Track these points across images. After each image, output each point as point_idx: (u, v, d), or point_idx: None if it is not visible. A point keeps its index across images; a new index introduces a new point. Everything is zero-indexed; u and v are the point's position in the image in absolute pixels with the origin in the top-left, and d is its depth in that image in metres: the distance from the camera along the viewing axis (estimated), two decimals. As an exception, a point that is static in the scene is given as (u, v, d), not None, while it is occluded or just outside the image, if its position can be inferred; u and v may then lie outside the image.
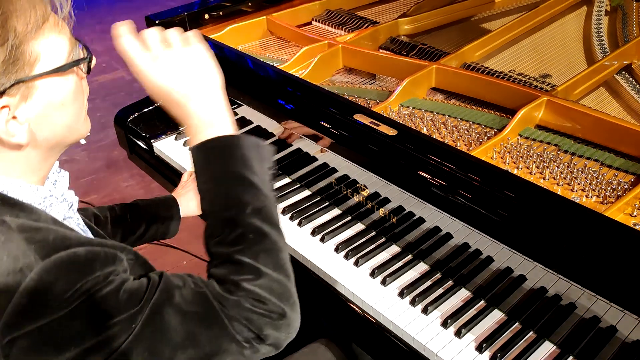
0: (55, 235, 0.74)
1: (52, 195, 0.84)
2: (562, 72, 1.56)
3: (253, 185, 0.84)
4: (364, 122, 1.27)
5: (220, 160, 0.84)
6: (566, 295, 1.05)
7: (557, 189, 1.16)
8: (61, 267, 0.72)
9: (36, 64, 0.76)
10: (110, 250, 0.77)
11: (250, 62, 1.59)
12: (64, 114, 0.81)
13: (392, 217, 1.28)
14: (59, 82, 0.79)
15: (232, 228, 0.82)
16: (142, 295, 0.76)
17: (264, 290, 0.80)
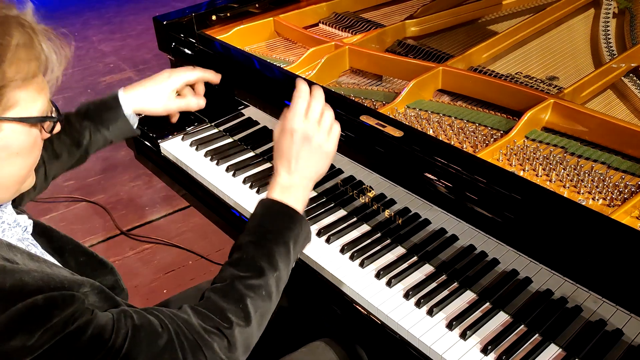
0: (12, 282, 0.74)
1: (5, 222, 0.87)
2: (569, 75, 1.55)
3: (289, 260, 0.99)
4: (370, 123, 1.27)
5: (285, 224, 0.99)
6: (572, 298, 1.05)
7: (563, 191, 1.16)
8: (20, 320, 0.72)
9: (9, 110, 0.79)
10: (67, 293, 0.77)
11: (257, 62, 1.60)
12: (15, 164, 0.84)
13: (398, 219, 1.28)
14: (22, 132, 0.82)
15: (257, 276, 0.94)
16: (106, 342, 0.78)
17: (242, 339, 0.90)
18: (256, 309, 0.92)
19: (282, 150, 1.04)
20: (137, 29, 5.16)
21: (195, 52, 1.71)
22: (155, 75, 1.34)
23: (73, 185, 3.03)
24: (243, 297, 0.91)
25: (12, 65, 0.77)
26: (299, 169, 1.03)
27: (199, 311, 0.89)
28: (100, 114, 1.28)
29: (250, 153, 1.64)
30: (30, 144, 0.84)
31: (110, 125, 1.29)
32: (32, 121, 0.82)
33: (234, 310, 0.90)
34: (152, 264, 2.52)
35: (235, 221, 1.49)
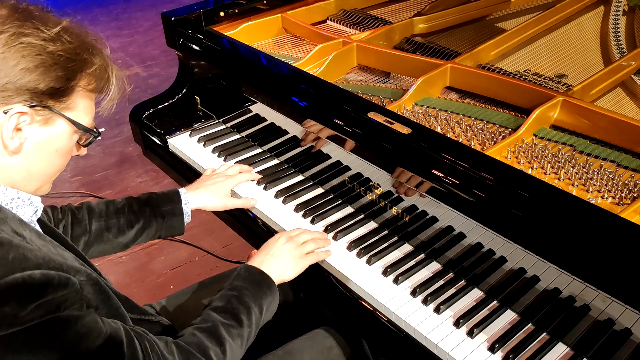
0: (15, 254, 0.79)
1: (20, 198, 0.91)
2: (578, 73, 1.54)
3: (259, 322, 1.12)
4: (378, 120, 1.26)
5: (264, 290, 1.13)
6: (580, 297, 1.04)
7: (572, 189, 1.15)
8: (15, 288, 0.76)
9: (68, 111, 0.91)
10: (63, 275, 0.81)
11: (264, 59, 1.60)
12: (50, 159, 0.93)
13: (405, 216, 1.28)
14: (68, 132, 0.92)
15: (237, 327, 1.06)
16: (91, 342, 0.82)
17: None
18: (232, 354, 1.04)
19: (267, 244, 1.25)
20: (144, 25, 5.17)
21: (203, 48, 1.71)
22: (212, 177, 1.47)
23: (80, 181, 3.04)
24: (224, 340, 1.03)
25: (88, 75, 0.91)
26: (273, 258, 1.20)
27: (183, 349, 0.98)
28: (160, 205, 1.35)
29: (258, 149, 1.64)
30: (68, 148, 0.94)
31: (167, 217, 1.35)
32: (81, 128, 0.94)
33: (216, 351, 1.01)
34: (159, 260, 2.53)
35: (242, 217, 1.49)
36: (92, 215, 1.29)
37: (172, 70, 4.26)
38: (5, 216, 0.85)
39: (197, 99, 1.83)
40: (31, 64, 0.83)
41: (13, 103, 0.84)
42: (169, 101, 1.84)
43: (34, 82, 0.84)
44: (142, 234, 1.34)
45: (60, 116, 0.89)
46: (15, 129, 0.85)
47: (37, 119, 0.87)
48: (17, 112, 0.84)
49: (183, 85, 1.85)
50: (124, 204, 1.33)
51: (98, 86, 0.94)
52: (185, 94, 1.85)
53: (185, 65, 1.84)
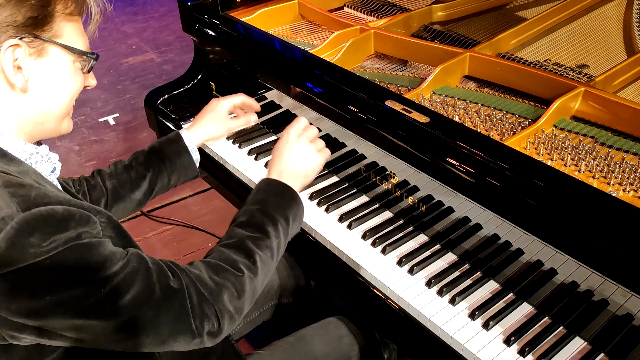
0: (37, 192, 0.82)
1: (38, 153, 0.93)
2: (600, 63, 1.51)
3: (287, 233, 1.09)
4: (395, 109, 1.25)
5: (286, 200, 1.11)
6: (599, 291, 1.03)
7: (593, 182, 1.13)
8: (39, 220, 0.79)
9: (57, 38, 0.91)
10: (84, 212, 0.84)
11: (280, 45, 1.58)
12: (58, 91, 0.94)
13: (421, 206, 1.27)
14: (66, 60, 0.93)
15: (264, 238, 1.04)
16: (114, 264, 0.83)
17: (250, 289, 0.98)
18: (263, 265, 1.02)
19: (278, 148, 1.19)
20: (159, 10, 5.16)
21: (219, 33, 1.70)
22: (206, 107, 1.45)
23: (94, 166, 3.05)
24: (253, 252, 1.01)
25: (63, 0, 0.91)
26: (289, 163, 1.16)
27: (211, 264, 0.97)
28: (164, 148, 1.35)
29: (273, 137, 1.63)
30: (72, 74, 0.95)
31: (174, 159, 1.34)
32: (75, 52, 0.94)
33: (245, 262, 0.99)
34: (172, 246, 2.54)
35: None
36: (104, 177, 1.31)
37: (186, 56, 4.25)
38: (27, 169, 0.88)
39: (213, 85, 1.82)
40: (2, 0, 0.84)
41: (1, 41, 0.85)
42: (184, 87, 1.83)
43: (11, 17, 0.85)
44: (156, 183, 1.33)
45: (51, 43, 0.90)
46: (15, 66, 0.87)
47: (31, 51, 0.88)
48: (10, 46, 0.86)
49: (198, 71, 1.85)
50: (131, 159, 1.35)
51: (77, 8, 0.94)
52: (200, 80, 1.84)
53: (201, 51, 1.83)
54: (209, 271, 0.95)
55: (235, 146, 1.61)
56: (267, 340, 1.31)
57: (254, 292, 1.00)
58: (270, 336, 1.43)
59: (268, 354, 1.24)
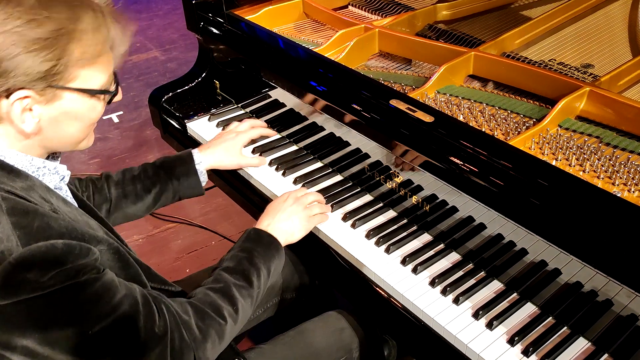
0: (40, 223, 0.81)
1: (45, 167, 0.93)
2: (605, 63, 1.51)
3: (267, 283, 1.15)
4: (400, 108, 1.25)
5: (272, 252, 1.17)
6: (603, 292, 1.03)
7: (597, 182, 1.13)
8: (37, 257, 0.79)
9: (71, 82, 0.87)
10: (84, 245, 0.84)
11: (285, 44, 1.58)
12: (73, 127, 0.93)
13: (425, 205, 1.27)
14: (81, 101, 0.90)
15: (248, 287, 1.09)
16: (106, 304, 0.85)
17: (230, 335, 1.04)
18: (243, 313, 1.08)
19: (273, 203, 1.27)
20: (163, 8, 5.16)
21: (223, 32, 1.70)
22: (223, 135, 1.49)
23: (98, 163, 3.05)
24: (237, 300, 1.06)
25: (79, 47, 0.85)
26: (280, 219, 1.23)
27: (198, 308, 1.01)
28: (174, 167, 1.37)
29: (277, 135, 1.63)
30: (89, 110, 0.93)
31: (182, 179, 1.36)
32: (90, 93, 0.91)
33: (229, 310, 1.04)
34: (175, 244, 2.54)
35: (260, 203, 1.49)
36: (110, 183, 1.33)
37: (190, 54, 4.26)
38: (33, 184, 0.87)
39: (217, 83, 1.82)
40: (12, 53, 0.80)
41: (11, 91, 0.83)
42: (189, 85, 1.84)
43: (23, 69, 0.81)
44: (160, 198, 1.36)
45: (65, 90, 0.87)
46: (25, 110, 0.85)
47: (41, 98, 0.85)
48: (19, 98, 0.84)
49: (203, 69, 1.85)
50: (140, 170, 1.36)
51: (96, 50, 0.88)
52: (204, 78, 1.84)
53: (205, 49, 1.83)
54: (196, 317, 0.99)
55: (239, 144, 1.61)
56: (269, 337, 1.31)
57: (231, 336, 1.06)
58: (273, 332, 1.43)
59: (269, 348, 1.24)
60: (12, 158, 0.88)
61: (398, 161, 1.29)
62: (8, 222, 0.79)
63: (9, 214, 0.80)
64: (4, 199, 0.81)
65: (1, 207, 0.80)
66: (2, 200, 0.81)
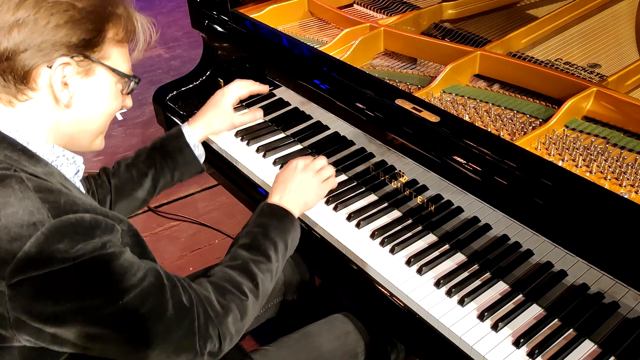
0: (66, 199, 0.84)
1: (64, 156, 0.96)
2: (612, 63, 1.50)
3: (285, 256, 1.15)
4: (406, 108, 1.24)
5: (286, 225, 1.16)
6: (609, 294, 1.02)
7: (604, 183, 1.12)
8: (68, 227, 0.81)
9: (105, 60, 0.96)
10: (109, 221, 0.87)
11: (290, 43, 1.58)
12: (98, 110, 0.98)
13: (430, 205, 1.26)
14: (109, 81, 0.97)
15: (266, 262, 1.08)
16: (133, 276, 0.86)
17: (252, 311, 1.03)
18: (264, 288, 1.07)
19: (283, 173, 1.24)
20: (167, 6, 5.15)
21: (227, 30, 1.70)
22: (210, 100, 1.45)
23: (102, 161, 3.05)
24: (256, 275, 1.05)
25: (113, 28, 0.95)
26: (292, 189, 1.21)
27: (217, 285, 1.00)
28: (165, 145, 1.36)
29: (281, 134, 1.62)
30: (113, 95, 0.99)
31: (176, 155, 1.35)
32: (120, 74, 0.98)
33: (249, 286, 1.03)
34: (178, 242, 2.54)
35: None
36: (108, 175, 1.34)
37: (194, 52, 4.25)
38: (52, 171, 0.90)
39: (221, 81, 1.82)
40: (61, 20, 0.87)
41: (54, 59, 0.88)
42: (193, 83, 1.83)
43: (66, 37, 0.88)
44: (159, 180, 1.35)
45: (99, 64, 0.94)
46: (63, 83, 0.90)
47: (79, 69, 0.92)
48: (61, 64, 0.89)
49: (207, 67, 1.84)
50: (133, 157, 1.36)
51: (126, 35, 0.98)
52: (209, 77, 1.84)
53: (210, 47, 1.82)
54: (216, 293, 0.99)
55: (244, 143, 1.60)
56: (271, 337, 1.31)
57: (253, 313, 1.05)
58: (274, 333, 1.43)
59: (274, 350, 1.24)
60: (35, 144, 0.91)
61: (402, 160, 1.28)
62: (36, 197, 0.82)
63: (36, 191, 0.83)
64: (29, 179, 0.84)
65: (27, 186, 0.83)
66: (27, 180, 0.84)
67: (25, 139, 0.91)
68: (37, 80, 0.90)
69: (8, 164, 0.85)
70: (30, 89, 0.90)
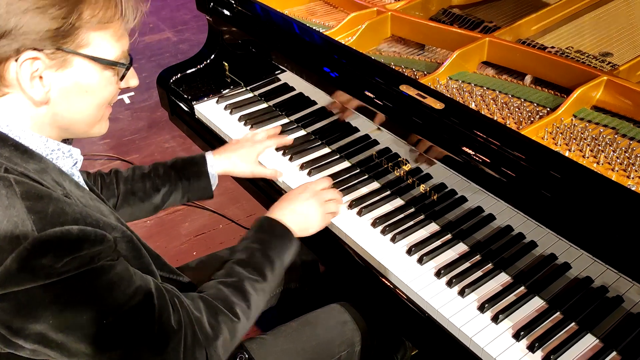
0: (55, 207, 0.79)
1: (60, 149, 0.90)
2: (624, 51, 1.46)
3: (280, 275, 1.11)
4: (410, 94, 1.22)
5: (285, 243, 1.12)
6: (613, 288, 1.00)
7: (612, 174, 1.10)
8: (53, 242, 0.77)
9: (83, 48, 0.84)
10: (99, 232, 0.82)
11: (296, 27, 1.55)
12: (84, 102, 0.89)
13: (433, 194, 1.24)
14: (92, 71, 0.87)
15: (262, 281, 1.05)
16: (122, 293, 0.83)
17: (241, 332, 1.01)
18: (256, 308, 1.04)
19: (291, 193, 1.22)
20: (177, -11, 5.13)
21: (233, 13, 1.67)
22: (241, 141, 1.41)
23: (109, 144, 3.05)
24: (250, 295, 1.02)
25: (89, 7, 0.83)
26: (296, 211, 1.17)
27: (210, 305, 0.97)
28: (186, 168, 1.33)
29: (285, 119, 1.60)
30: (99, 84, 0.89)
31: (192, 179, 1.32)
32: (102, 62, 0.87)
33: (242, 306, 1.01)
34: (183, 226, 2.53)
35: (266, 187, 1.47)
36: (119, 179, 1.30)
37: (202, 35, 4.21)
38: (47, 166, 0.85)
39: (226, 65, 1.80)
40: (20, 9, 0.78)
41: (20, 52, 0.80)
42: (197, 66, 1.81)
43: (31, 26, 0.79)
44: (169, 197, 1.32)
45: (75, 55, 0.84)
46: (34, 77, 0.82)
47: (51, 62, 0.82)
48: (28, 59, 0.81)
49: (212, 51, 1.82)
50: (150, 168, 1.33)
51: (108, 13, 0.85)
52: (213, 60, 1.82)
53: (215, 31, 1.80)
54: (208, 314, 0.95)
55: (247, 128, 1.59)
56: (272, 325, 1.30)
57: (243, 333, 1.02)
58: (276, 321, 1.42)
59: (271, 338, 1.23)
60: (28, 139, 0.86)
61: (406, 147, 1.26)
62: (22, 206, 0.77)
63: (23, 198, 0.78)
64: (17, 182, 0.79)
65: (15, 191, 0.78)
66: (15, 183, 0.78)
67: (16, 133, 0.85)
68: (6, 76, 0.82)
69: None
70: (3, 84, 0.83)
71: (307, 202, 1.18)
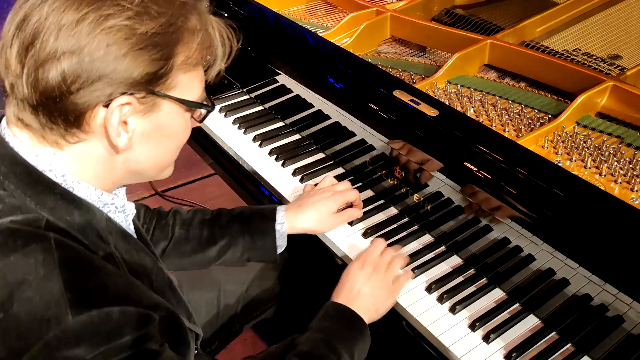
0: (95, 284, 0.71)
1: (113, 204, 0.83)
2: (635, 54, 1.40)
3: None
4: (403, 100, 1.17)
5: (355, 334, 0.99)
6: (614, 306, 0.94)
7: (614, 187, 1.04)
8: (88, 329, 0.68)
9: (172, 90, 0.77)
10: (143, 311, 0.73)
11: (294, 28, 1.50)
12: (163, 146, 0.82)
13: (427, 204, 1.19)
14: (177, 114, 0.80)
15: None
16: None
17: None
18: None
19: (351, 272, 1.07)
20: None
21: (230, 13, 1.63)
22: (316, 193, 1.22)
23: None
24: None
25: (185, 50, 0.76)
26: (363, 293, 1.04)
27: None
28: (251, 221, 1.17)
29: (280, 123, 1.56)
30: (181, 127, 0.83)
31: (256, 236, 1.16)
32: (190, 105, 0.81)
33: None
34: (184, 227, 2.50)
35: (257, 194, 1.43)
36: (176, 220, 1.18)
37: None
38: (93, 217, 0.78)
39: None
40: (120, 51, 0.71)
41: (112, 97, 0.73)
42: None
43: (127, 71, 0.72)
44: (226, 252, 1.17)
45: (165, 98, 0.77)
46: (121, 122, 0.75)
47: (141, 107, 0.75)
48: (119, 105, 0.73)
49: (209, 51, 1.78)
50: (213, 215, 1.20)
51: (200, 55, 0.79)
52: (210, 61, 1.78)
53: (212, 31, 1.76)
54: None
55: (241, 131, 1.55)
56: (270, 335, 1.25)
57: None
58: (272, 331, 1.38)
59: None
60: (82, 191, 0.78)
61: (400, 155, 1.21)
62: (59, 280, 0.68)
63: (62, 268, 0.69)
64: (58, 245, 0.71)
65: (54, 257, 0.70)
66: (55, 246, 0.70)
67: (70, 185, 0.77)
68: (91, 123, 0.74)
69: (39, 215, 0.73)
70: (83, 131, 0.75)
71: (371, 279, 1.05)
